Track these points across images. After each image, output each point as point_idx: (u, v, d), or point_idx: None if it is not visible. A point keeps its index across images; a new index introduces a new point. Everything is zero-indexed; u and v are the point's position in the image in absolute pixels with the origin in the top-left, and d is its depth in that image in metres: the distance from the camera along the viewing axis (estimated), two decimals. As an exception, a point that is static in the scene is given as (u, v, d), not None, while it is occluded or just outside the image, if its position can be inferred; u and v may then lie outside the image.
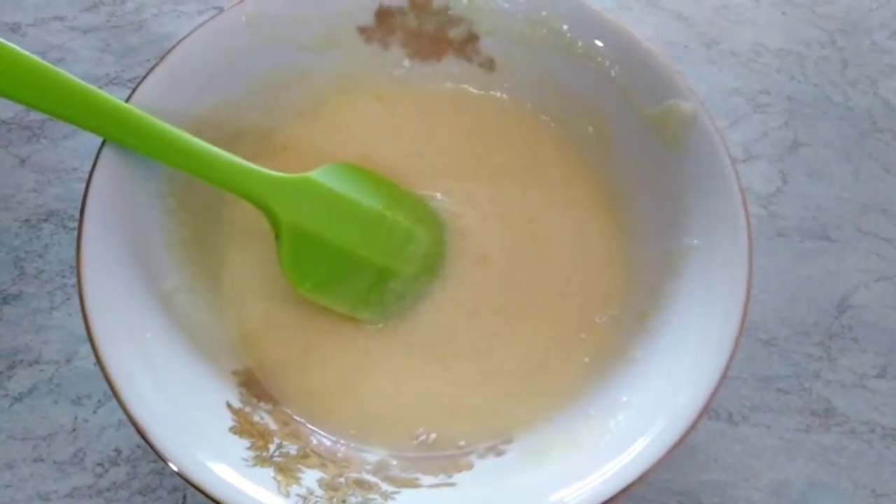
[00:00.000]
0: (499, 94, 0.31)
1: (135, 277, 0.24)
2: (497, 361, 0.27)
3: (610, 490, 0.20)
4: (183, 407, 0.22)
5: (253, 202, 0.26)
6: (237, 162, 0.26)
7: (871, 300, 0.32)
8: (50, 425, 0.29)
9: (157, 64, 0.27)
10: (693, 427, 0.21)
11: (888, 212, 0.34)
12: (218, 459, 0.21)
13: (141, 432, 0.21)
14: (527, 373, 0.26)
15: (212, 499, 0.20)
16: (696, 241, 0.25)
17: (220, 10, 0.29)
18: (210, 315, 0.26)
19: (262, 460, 0.22)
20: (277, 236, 0.26)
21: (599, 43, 0.28)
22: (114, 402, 0.29)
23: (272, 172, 0.26)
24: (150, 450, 0.28)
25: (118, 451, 0.28)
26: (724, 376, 0.22)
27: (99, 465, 0.28)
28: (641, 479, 0.21)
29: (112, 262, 0.24)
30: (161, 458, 0.21)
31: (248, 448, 0.22)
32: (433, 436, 0.25)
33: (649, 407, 0.23)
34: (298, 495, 0.21)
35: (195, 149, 0.25)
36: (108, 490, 0.28)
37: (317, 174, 0.27)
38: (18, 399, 0.29)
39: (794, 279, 0.33)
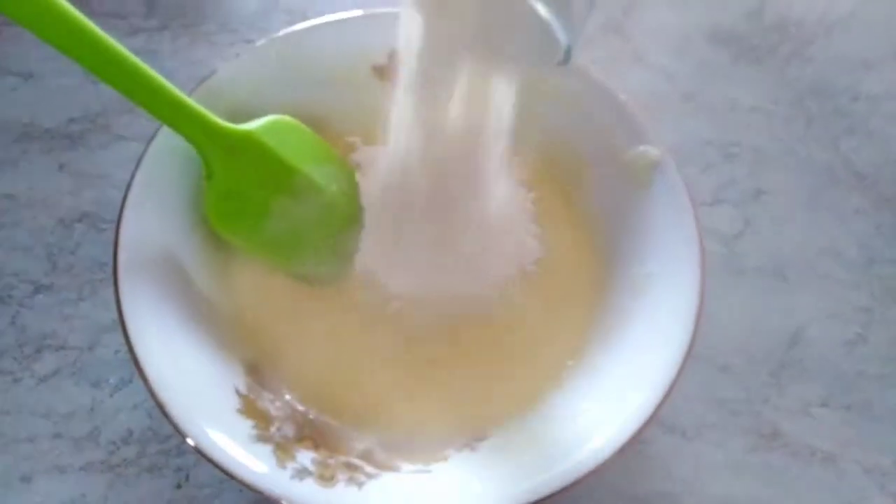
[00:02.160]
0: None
1: (163, 273, 0.28)
2: (475, 368, 0.30)
3: (566, 480, 0.23)
4: (198, 389, 0.25)
5: (192, 143, 0.27)
6: (185, 99, 0.26)
7: (820, 335, 0.35)
8: (70, 405, 0.31)
9: (193, 90, 0.30)
10: (642, 431, 0.25)
11: (841, 256, 0.38)
12: (226, 435, 0.24)
13: (161, 407, 0.24)
14: (503, 379, 0.29)
15: (219, 467, 0.23)
16: (656, 269, 0.28)
17: (251, 42, 0.33)
18: (222, 308, 0.30)
19: (263, 438, 0.25)
20: (209, 178, 0.28)
21: (583, 93, 0.32)
22: (129, 387, 0.32)
23: (217, 120, 0.27)
24: (158, 432, 0.31)
25: (130, 432, 0.31)
26: (672, 387, 0.25)
27: (112, 443, 0.31)
28: (592, 474, 0.24)
29: (144, 258, 0.27)
30: (177, 431, 0.24)
31: (253, 427, 0.25)
32: (414, 430, 0.28)
33: (605, 413, 0.26)
34: (294, 469, 0.24)
35: (140, 71, 0.24)
36: (119, 466, 0.30)
37: (260, 130, 0.29)
38: (43, 380, 0.32)
39: (750, 313, 0.36)
